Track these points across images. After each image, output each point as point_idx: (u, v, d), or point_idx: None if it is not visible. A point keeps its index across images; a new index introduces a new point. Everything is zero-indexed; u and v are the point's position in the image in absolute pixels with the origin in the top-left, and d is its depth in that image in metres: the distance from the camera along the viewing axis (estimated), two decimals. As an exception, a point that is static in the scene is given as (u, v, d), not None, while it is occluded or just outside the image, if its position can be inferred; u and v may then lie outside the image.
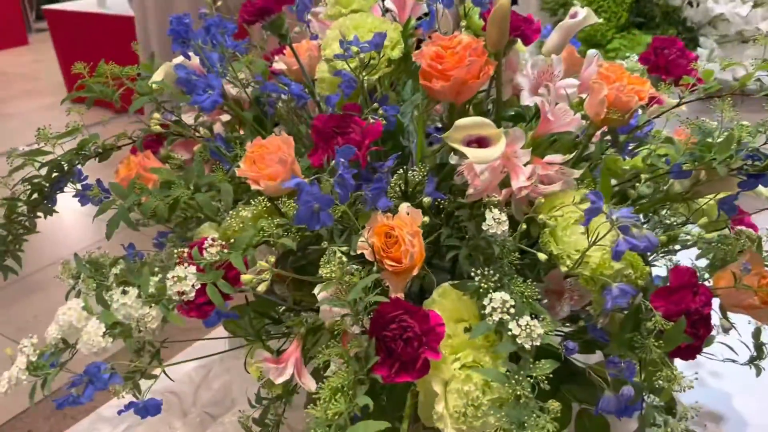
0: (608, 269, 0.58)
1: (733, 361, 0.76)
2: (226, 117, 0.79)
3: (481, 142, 0.60)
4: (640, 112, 0.65)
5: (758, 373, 0.74)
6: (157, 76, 0.71)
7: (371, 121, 0.60)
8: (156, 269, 0.52)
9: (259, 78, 0.78)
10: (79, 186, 0.76)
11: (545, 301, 0.70)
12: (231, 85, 0.76)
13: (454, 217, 0.67)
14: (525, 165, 0.64)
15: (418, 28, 0.80)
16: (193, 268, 0.52)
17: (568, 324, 0.75)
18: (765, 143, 0.62)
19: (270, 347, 0.73)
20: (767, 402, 0.97)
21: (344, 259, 0.52)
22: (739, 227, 0.74)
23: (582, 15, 0.80)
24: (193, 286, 0.51)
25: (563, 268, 0.61)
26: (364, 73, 0.64)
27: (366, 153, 0.59)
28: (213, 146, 0.71)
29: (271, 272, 0.52)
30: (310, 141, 0.73)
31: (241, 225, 0.60)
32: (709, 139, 0.63)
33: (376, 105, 0.62)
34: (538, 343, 0.52)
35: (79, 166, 0.75)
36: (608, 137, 0.67)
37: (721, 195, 0.67)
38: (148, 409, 0.63)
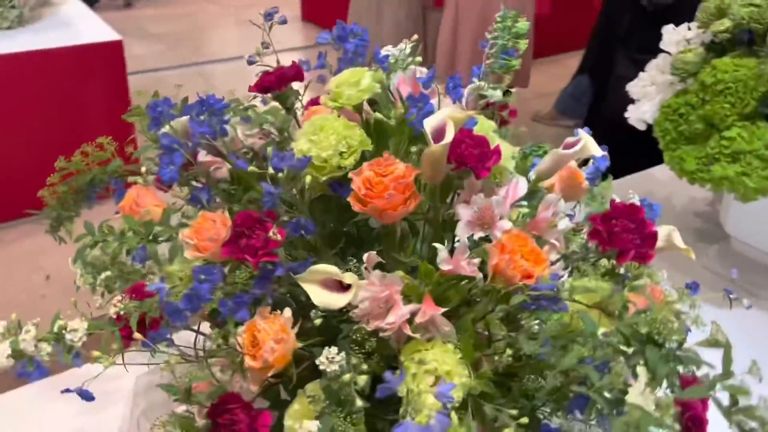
0: None
1: None
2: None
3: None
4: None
5: None
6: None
7: (270, 235, 0.68)
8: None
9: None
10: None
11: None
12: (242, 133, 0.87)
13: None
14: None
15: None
16: (85, 324, 0.66)
17: None
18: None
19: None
20: None
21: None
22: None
23: (578, 147, 0.79)
24: (81, 337, 0.66)
25: (401, 411, 0.66)
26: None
27: (258, 262, 0.68)
28: (196, 194, 0.83)
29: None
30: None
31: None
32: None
33: (285, 218, 0.70)
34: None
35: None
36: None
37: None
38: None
